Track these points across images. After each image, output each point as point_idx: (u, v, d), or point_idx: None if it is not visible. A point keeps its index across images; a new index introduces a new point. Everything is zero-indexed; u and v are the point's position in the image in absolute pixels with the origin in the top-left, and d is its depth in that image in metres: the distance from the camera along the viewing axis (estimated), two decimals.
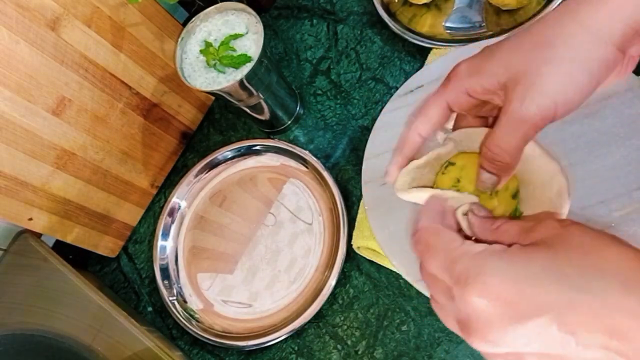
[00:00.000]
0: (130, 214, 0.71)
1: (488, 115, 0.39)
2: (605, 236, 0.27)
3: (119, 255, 0.72)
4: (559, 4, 0.31)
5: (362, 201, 0.57)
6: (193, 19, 0.60)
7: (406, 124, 0.40)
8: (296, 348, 0.60)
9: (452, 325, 0.30)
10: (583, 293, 0.24)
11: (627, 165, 0.49)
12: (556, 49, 0.30)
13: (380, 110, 0.57)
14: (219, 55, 0.57)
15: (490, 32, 0.62)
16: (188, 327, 0.63)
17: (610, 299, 0.24)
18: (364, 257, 0.59)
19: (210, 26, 0.60)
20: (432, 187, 0.40)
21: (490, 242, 0.31)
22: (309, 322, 0.59)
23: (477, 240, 0.33)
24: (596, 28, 0.30)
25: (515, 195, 0.37)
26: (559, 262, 0.26)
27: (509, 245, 0.29)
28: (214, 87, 0.56)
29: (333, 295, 0.60)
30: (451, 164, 0.39)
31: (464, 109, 0.37)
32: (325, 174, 0.63)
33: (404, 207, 0.46)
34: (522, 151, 0.33)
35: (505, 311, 0.25)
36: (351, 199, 0.63)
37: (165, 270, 0.67)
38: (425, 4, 0.66)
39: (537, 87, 0.31)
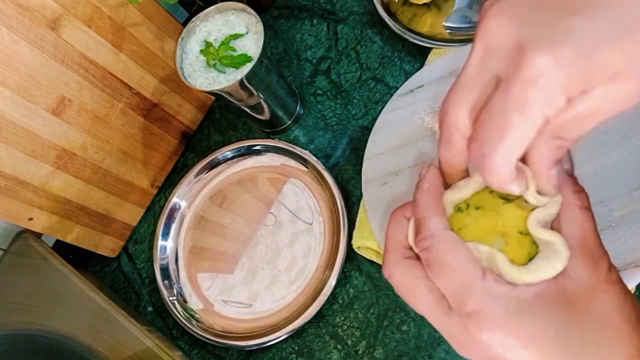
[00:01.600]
0: (130, 214, 0.71)
1: None
2: (627, 321, 0.27)
3: (119, 255, 0.72)
4: None
5: (362, 201, 0.57)
6: (193, 19, 0.60)
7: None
8: (296, 348, 0.60)
9: (426, 309, 0.29)
10: None
11: (627, 165, 0.48)
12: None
13: (381, 110, 0.57)
14: (219, 55, 0.57)
15: None
16: (188, 327, 0.63)
17: None
18: (364, 257, 0.59)
19: (211, 26, 0.60)
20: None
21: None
22: (309, 322, 0.59)
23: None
24: None
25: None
26: (573, 331, 0.27)
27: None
28: (214, 87, 0.56)
29: (333, 295, 0.60)
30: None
31: None
32: (326, 174, 0.63)
33: None
34: None
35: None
36: (351, 199, 0.63)
37: (165, 270, 0.67)
38: (425, 4, 0.66)
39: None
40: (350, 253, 0.60)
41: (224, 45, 0.57)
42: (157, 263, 0.67)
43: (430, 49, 0.62)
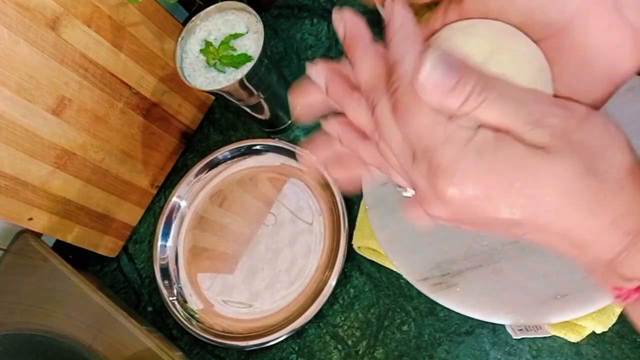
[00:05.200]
0: (130, 214, 0.71)
1: None
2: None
3: (119, 255, 0.72)
4: None
5: (362, 201, 0.57)
6: (193, 18, 0.60)
7: None
8: (297, 348, 0.60)
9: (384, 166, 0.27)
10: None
11: None
12: None
13: None
14: (219, 54, 0.57)
15: None
16: (188, 327, 0.63)
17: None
18: (365, 257, 0.59)
19: (210, 25, 0.60)
20: None
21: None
22: (310, 322, 0.59)
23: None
24: None
25: None
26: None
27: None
28: (214, 87, 0.56)
29: (333, 295, 0.60)
30: None
31: None
32: (326, 174, 0.63)
33: None
34: None
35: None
36: (351, 198, 0.63)
37: (165, 270, 0.67)
38: (426, 4, 0.66)
39: None
40: (351, 253, 0.60)
41: (223, 45, 0.57)
42: (157, 263, 0.67)
43: None
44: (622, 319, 0.47)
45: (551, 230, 0.24)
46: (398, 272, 0.51)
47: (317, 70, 0.29)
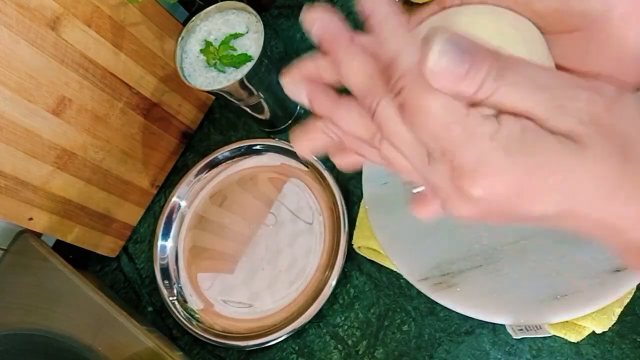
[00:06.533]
0: (130, 214, 0.71)
1: None
2: None
3: (119, 255, 0.72)
4: None
5: (362, 201, 0.57)
6: (193, 18, 0.60)
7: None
8: (297, 348, 0.60)
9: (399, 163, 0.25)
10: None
11: None
12: None
13: None
14: (219, 54, 0.57)
15: None
16: (188, 327, 0.63)
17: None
18: (365, 257, 0.59)
19: (211, 25, 0.60)
20: None
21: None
22: (310, 322, 0.59)
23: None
24: None
25: None
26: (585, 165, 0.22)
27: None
28: (214, 87, 0.56)
29: (334, 295, 0.60)
30: None
31: None
32: (326, 174, 0.63)
33: (404, 207, 0.46)
34: None
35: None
36: (352, 198, 0.63)
37: (165, 270, 0.67)
38: (425, 4, 0.66)
39: None
40: (351, 253, 0.60)
41: (224, 45, 0.57)
42: (157, 263, 0.67)
43: None
44: (622, 319, 0.47)
45: (585, 220, 0.23)
46: (398, 272, 0.51)
47: (295, 84, 0.26)
